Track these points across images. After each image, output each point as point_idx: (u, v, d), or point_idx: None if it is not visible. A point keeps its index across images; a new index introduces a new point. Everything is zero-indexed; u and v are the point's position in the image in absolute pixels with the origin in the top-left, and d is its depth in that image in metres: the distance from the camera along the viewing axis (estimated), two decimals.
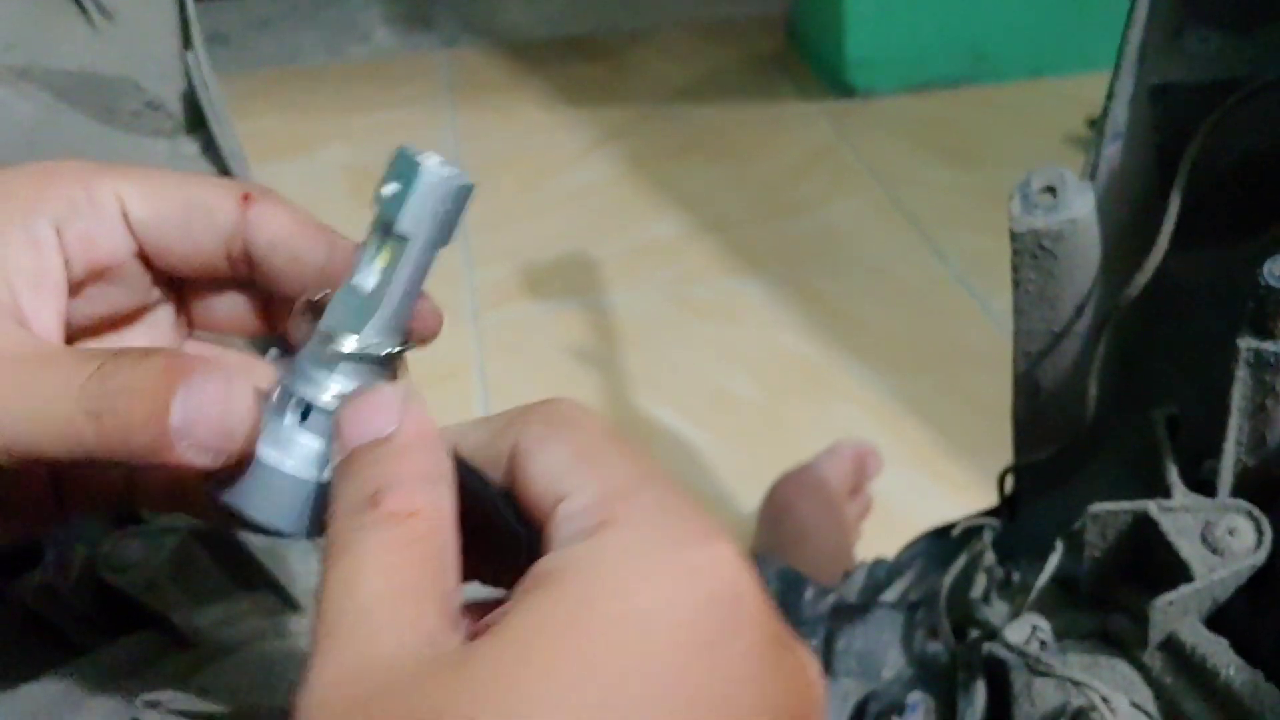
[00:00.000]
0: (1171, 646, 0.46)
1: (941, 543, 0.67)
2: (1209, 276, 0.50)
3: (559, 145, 2.38)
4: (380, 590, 0.28)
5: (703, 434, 1.60)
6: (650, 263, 1.97)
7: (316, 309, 0.36)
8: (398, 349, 0.36)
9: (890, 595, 0.65)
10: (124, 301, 0.40)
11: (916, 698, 0.55)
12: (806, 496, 1.28)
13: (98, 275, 0.38)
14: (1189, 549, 0.45)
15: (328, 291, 0.36)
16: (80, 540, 0.57)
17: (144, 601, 0.55)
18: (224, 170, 0.59)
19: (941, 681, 0.56)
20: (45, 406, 0.32)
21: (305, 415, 0.35)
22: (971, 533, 0.62)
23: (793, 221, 2.05)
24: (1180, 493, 0.47)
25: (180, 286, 0.41)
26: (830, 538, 1.22)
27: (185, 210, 0.37)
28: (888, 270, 1.87)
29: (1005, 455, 0.63)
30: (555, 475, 0.30)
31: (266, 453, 0.34)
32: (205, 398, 0.31)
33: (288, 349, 0.37)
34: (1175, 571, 0.45)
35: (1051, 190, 0.48)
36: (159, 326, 0.41)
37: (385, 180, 0.34)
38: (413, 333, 0.37)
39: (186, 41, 0.58)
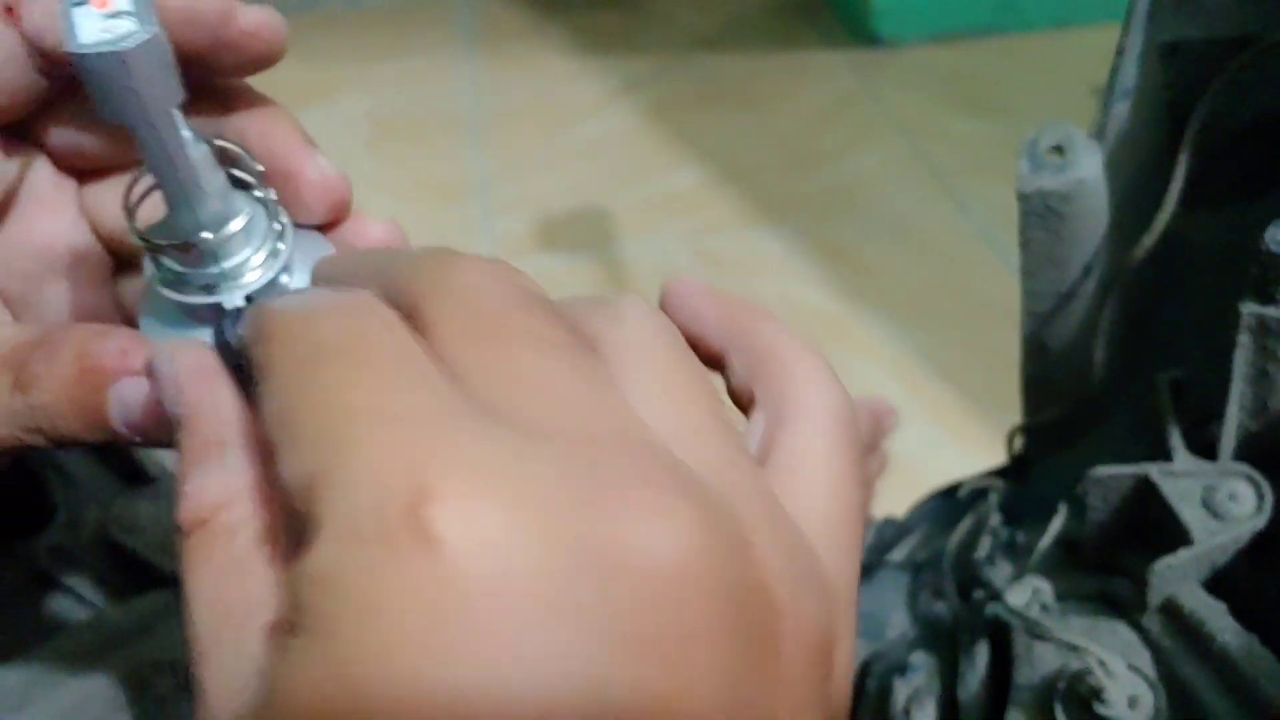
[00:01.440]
0: (1170, 610, 0.46)
1: (949, 503, 0.67)
2: (1219, 237, 0.49)
3: (579, 94, 2.37)
4: (206, 627, 0.24)
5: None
6: (669, 214, 1.96)
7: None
8: (202, 237, 0.31)
9: (897, 555, 0.65)
10: None
11: (918, 659, 0.55)
12: None
13: None
14: (1189, 513, 0.45)
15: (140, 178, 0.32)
16: (92, 501, 0.57)
17: (156, 562, 0.56)
18: None
19: (945, 642, 0.57)
20: None
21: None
22: (978, 494, 0.62)
23: (814, 173, 2.03)
24: (1182, 457, 0.47)
25: (35, 135, 0.36)
26: None
27: None
28: (910, 223, 1.86)
29: None
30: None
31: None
32: (134, 397, 0.30)
33: None
34: (1175, 535, 0.45)
35: (1059, 149, 0.47)
36: (41, 191, 0.37)
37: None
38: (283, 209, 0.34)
39: None
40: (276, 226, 0.33)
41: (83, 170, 0.37)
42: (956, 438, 1.42)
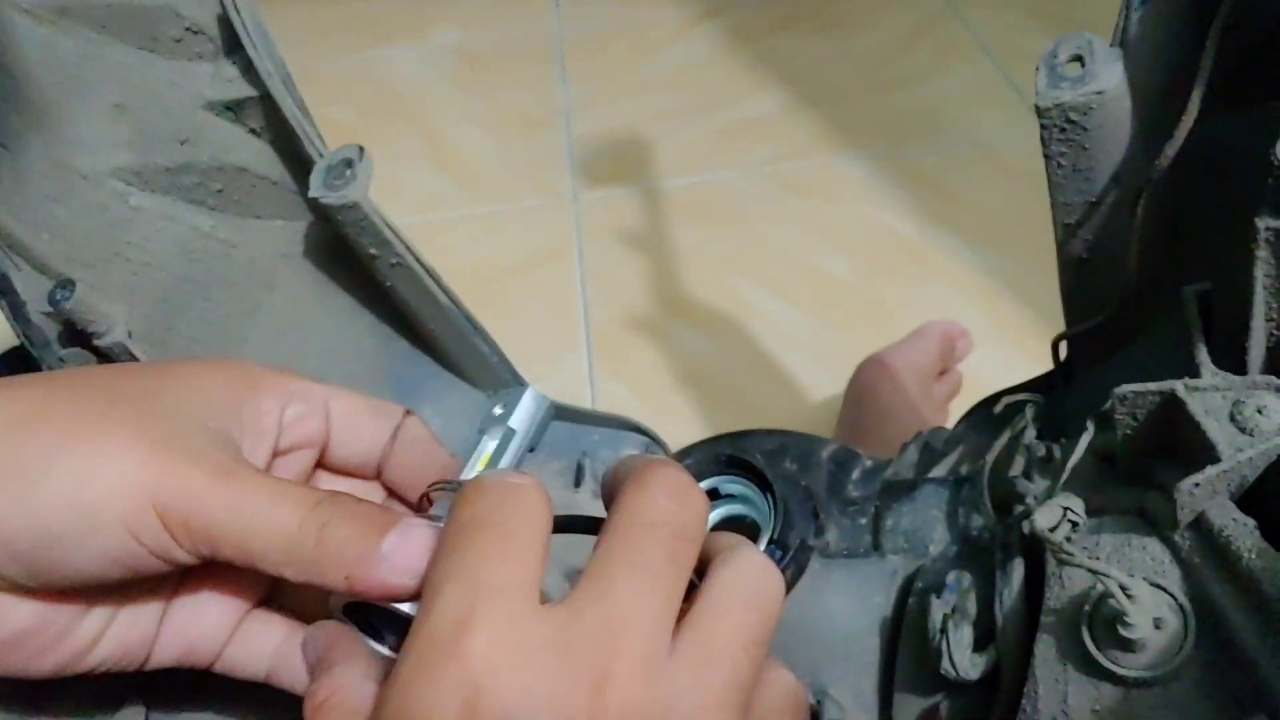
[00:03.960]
0: (1201, 527, 0.45)
1: (993, 415, 0.66)
2: (1251, 139, 0.48)
3: (661, 21, 2.36)
4: None
5: (798, 314, 1.59)
6: (750, 140, 1.95)
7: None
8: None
9: (941, 470, 0.65)
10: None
11: (955, 577, 0.55)
12: (890, 379, 1.27)
13: (286, 453, 0.48)
14: (1216, 429, 0.44)
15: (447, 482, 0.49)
16: None
17: None
18: (264, 92, 0.59)
19: (983, 559, 0.56)
20: (276, 518, 0.40)
21: None
22: (1015, 408, 0.61)
23: (898, 95, 2.00)
24: (1209, 371, 0.46)
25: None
26: (912, 420, 1.21)
27: (371, 408, 0.51)
28: (994, 146, 1.82)
29: None
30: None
31: None
32: (415, 533, 0.40)
33: None
34: (1203, 451, 0.44)
35: (1079, 59, 0.46)
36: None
37: (495, 404, 0.53)
38: None
39: None
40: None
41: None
42: (1035, 361, 1.39)
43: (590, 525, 0.44)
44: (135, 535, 0.39)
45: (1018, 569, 0.52)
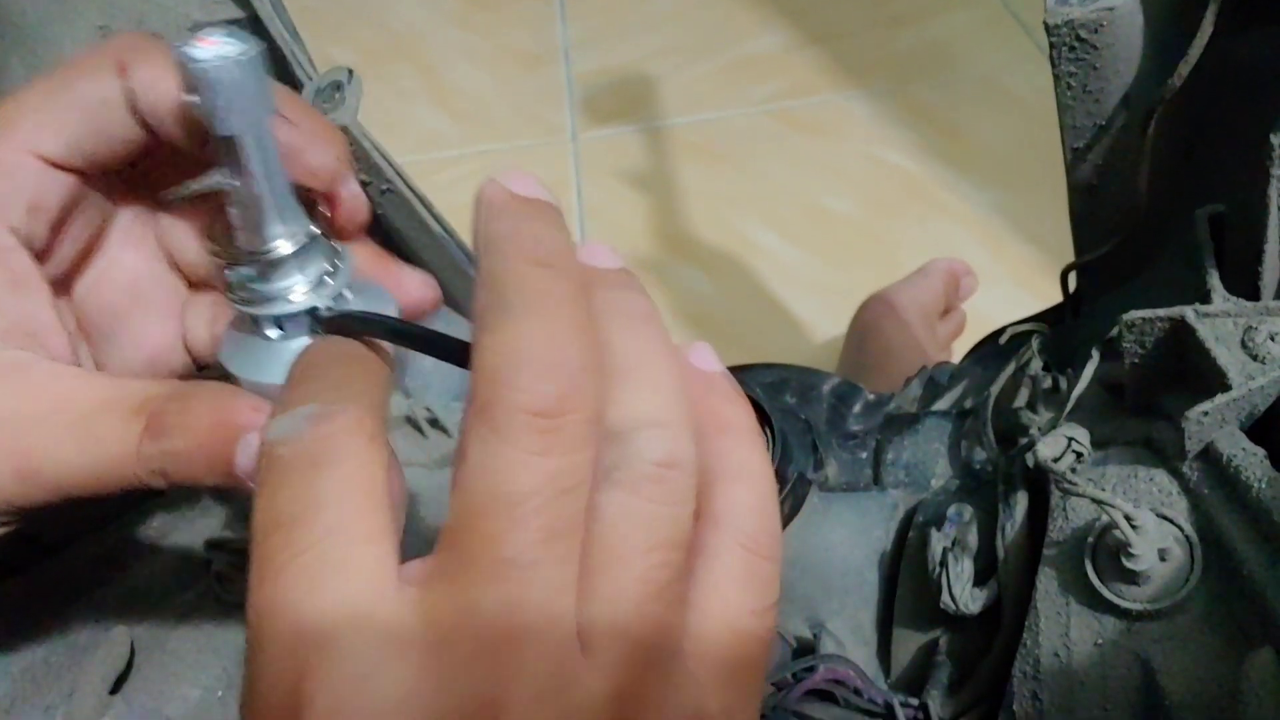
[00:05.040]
0: (1209, 457, 0.44)
1: (999, 347, 0.66)
2: (1271, 55, 0.46)
3: None
4: None
5: (801, 252, 1.58)
6: (753, 77, 1.92)
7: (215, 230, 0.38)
8: (305, 233, 0.36)
9: (944, 403, 0.64)
10: (91, 222, 0.41)
11: (955, 510, 0.54)
12: (893, 316, 1.26)
13: (51, 218, 0.38)
14: (1226, 356, 0.43)
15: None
16: None
17: None
18: (252, 13, 0.58)
19: (986, 492, 0.55)
20: (107, 463, 0.34)
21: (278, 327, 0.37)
22: (1021, 339, 0.60)
23: (902, 32, 1.97)
24: (1220, 297, 0.45)
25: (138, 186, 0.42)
26: (915, 358, 1.20)
27: (84, 113, 0.37)
28: (999, 81, 1.80)
29: None
30: None
31: (243, 370, 0.36)
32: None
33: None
34: (1213, 379, 0.43)
35: None
36: (131, 232, 0.43)
37: (186, 91, 0.33)
38: (403, 307, 0.39)
39: None
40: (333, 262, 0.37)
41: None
42: (1040, 299, 1.38)
43: (456, 355, 0.30)
44: None
45: (1021, 501, 0.51)
